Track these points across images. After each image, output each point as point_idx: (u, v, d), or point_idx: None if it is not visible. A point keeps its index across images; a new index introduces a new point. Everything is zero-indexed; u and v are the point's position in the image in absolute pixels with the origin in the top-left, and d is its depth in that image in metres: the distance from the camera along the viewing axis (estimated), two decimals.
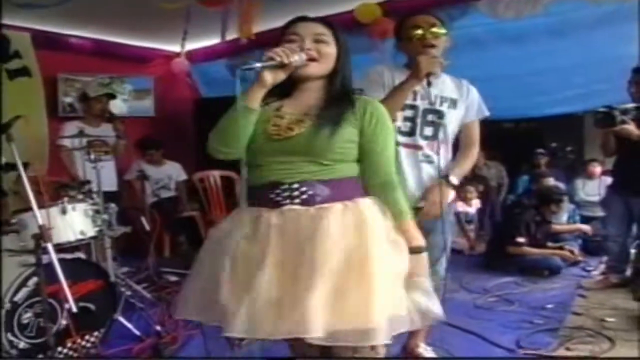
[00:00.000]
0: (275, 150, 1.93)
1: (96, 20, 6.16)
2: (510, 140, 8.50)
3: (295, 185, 1.91)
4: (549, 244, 6.05)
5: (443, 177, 2.85)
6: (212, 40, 7.01)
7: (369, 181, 2.01)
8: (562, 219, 6.70)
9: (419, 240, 1.97)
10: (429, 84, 2.70)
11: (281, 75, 1.93)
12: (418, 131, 2.88)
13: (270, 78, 1.91)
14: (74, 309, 3.27)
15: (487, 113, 3.05)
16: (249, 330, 1.74)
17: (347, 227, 1.83)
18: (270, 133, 1.94)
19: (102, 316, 3.79)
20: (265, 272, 1.78)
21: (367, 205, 1.92)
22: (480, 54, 5.76)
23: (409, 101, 2.83)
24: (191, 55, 7.39)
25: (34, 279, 3.39)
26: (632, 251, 5.11)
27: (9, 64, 5.87)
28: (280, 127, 1.95)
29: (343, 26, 2.51)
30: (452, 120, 2.94)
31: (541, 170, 7.51)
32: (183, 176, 7.05)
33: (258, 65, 1.88)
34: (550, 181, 6.98)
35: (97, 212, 4.23)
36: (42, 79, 6.21)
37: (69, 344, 3.54)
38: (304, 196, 1.90)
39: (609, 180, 5.81)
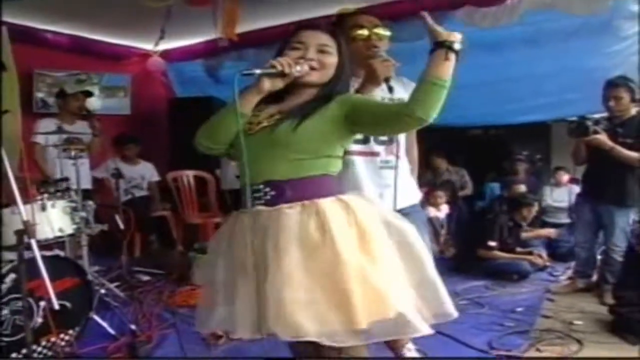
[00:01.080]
0: (247, 146, 1.94)
1: (74, 15, 6.13)
2: (478, 147, 8.61)
3: (260, 186, 1.97)
4: (518, 249, 6.15)
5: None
6: (190, 40, 7.03)
7: (402, 109, 1.92)
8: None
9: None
10: (391, 89, 2.51)
11: (279, 84, 1.98)
12: (372, 137, 2.72)
13: (269, 85, 1.97)
14: (56, 306, 3.26)
15: None
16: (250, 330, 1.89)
17: (306, 227, 1.86)
18: (245, 130, 1.98)
19: (78, 314, 3.77)
20: (248, 274, 1.90)
21: (327, 204, 1.92)
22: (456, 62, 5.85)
23: None
24: (168, 54, 7.39)
25: (12, 276, 3.38)
26: (599, 257, 5.22)
27: None
28: (253, 123, 2.00)
29: None
30: None
31: (514, 177, 7.59)
32: (156, 177, 7.04)
33: (257, 71, 1.93)
34: (522, 187, 7.10)
35: (74, 209, 4.24)
36: (18, 74, 6.09)
37: (43, 343, 3.53)
38: (267, 197, 1.96)
39: (577, 188, 5.99)
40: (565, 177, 7.46)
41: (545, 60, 5.67)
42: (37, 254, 3.21)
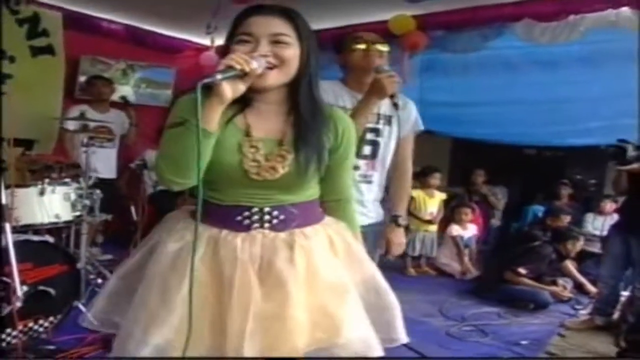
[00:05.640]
0: (252, 185, 1.74)
1: (129, 5, 6.16)
2: (530, 167, 8.25)
3: (267, 209, 1.76)
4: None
5: (392, 220, 2.92)
6: None
7: (328, 197, 1.95)
8: None
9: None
10: (397, 106, 2.59)
11: (241, 88, 1.62)
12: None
13: (230, 92, 1.60)
14: (19, 293, 3.25)
15: (422, 127, 3.00)
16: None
17: (319, 250, 1.77)
18: (247, 169, 1.72)
19: (61, 302, 3.73)
20: (234, 299, 1.64)
21: (336, 226, 1.90)
22: (510, 77, 5.71)
23: None
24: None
25: None
26: (624, 294, 4.85)
27: (34, 41, 5.92)
28: (260, 165, 1.72)
29: None
30: (386, 136, 2.87)
31: (561, 206, 7.16)
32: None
33: (219, 77, 1.55)
34: (567, 219, 6.67)
35: (80, 196, 4.21)
36: (66, 59, 6.22)
37: (20, 327, 3.46)
38: (275, 220, 1.77)
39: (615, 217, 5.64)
40: (608, 206, 7.06)
41: (601, 82, 5.39)
42: (9, 237, 3.22)
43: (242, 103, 1.73)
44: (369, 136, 2.80)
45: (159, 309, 1.66)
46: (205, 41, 6.91)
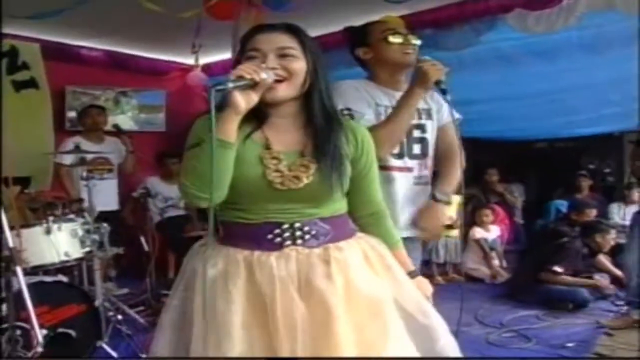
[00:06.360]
0: (276, 198, 1.75)
1: (108, 30, 5.99)
2: (543, 161, 8.13)
3: (298, 225, 1.76)
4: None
5: (431, 196, 2.63)
6: (229, 54, 6.83)
7: (360, 212, 1.96)
8: None
9: (411, 265, 2.01)
10: (445, 91, 2.35)
11: (254, 98, 1.66)
12: (406, 151, 2.58)
13: (243, 102, 1.63)
14: (40, 338, 3.07)
15: (458, 115, 2.69)
16: None
17: (355, 263, 1.77)
18: (270, 180, 1.73)
19: (84, 343, 3.64)
20: (278, 322, 1.63)
21: (370, 240, 1.89)
22: (510, 71, 5.54)
23: (369, 117, 2.51)
24: (209, 68, 7.18)
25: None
26: None
27: (16, 75, 5.76)
28: (284, 175, 1.74)
29: None
30: (430, 131, 2.68)
31: (584, 199, 6.99)
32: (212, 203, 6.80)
33: (230, 85, 1.59)
34: (593, 212, 6.48)
35: (87, 231, 4.08)
36: (51, 91, 6.06)
37: None
38: (307, 236, 1.77)
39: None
40: (637, 195, 6.87)
41: (606, 67, 5.22)
42: (22, 281, 3.05)
43: (259, 119, 1.78)
44: (416, 133, 2.60)
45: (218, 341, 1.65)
46: (190, 60, 6.77)
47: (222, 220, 1.84)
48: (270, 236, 1.74)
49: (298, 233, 1.75)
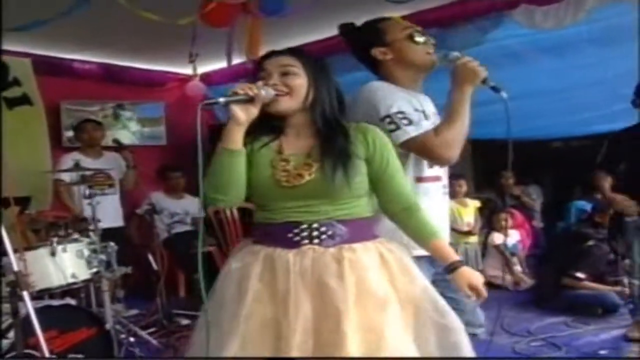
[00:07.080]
0: (287, 195, 1.94)
1: (101, 42, 5.82)
2: (559, 161, 7.97)
3: (315, 225, 1.93)
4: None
5: None
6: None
7: (391, 209, 2.05)
8: None
9: (455, 255, 2.02)
10: (496, 89, 2.30)
11: (253, 111, 1.88)
12: None
13: (243, 114, 1.86)
14: None
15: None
16: None
17: (368, 264, 1.88)
18: (278, 179, 1.94)
19: None
20: (290, 315, 1.80)
21: (389, 244, 1.99)
22: (518, 69, 5.33)
23: (426, 122, 2.30)
24: (208, 78, 7.04)
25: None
26: None
27: (7, 92, 5.59)
28: (289, 173, 1.95)
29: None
30: None
31: (598, 195, 6.82)
32: (202, 213, 6.59)
33: (222, 100, 1.82)
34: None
35: (94, 251, 3.96)
36: (45, 108, 5.89)
37: None
38: (324, 236, 1.92)
39: None
40: None
41: (619, 61, 5.06)
42: (30, 306, 2.87)
43: (276, 131, 2.02)
44: None
45: (227, 324, 1.88)
46: (188, 70, 6.61)
47: (255, 221, 2.05)
48: (290, 235, 1.92)
49: (315, 233, 1.92)
